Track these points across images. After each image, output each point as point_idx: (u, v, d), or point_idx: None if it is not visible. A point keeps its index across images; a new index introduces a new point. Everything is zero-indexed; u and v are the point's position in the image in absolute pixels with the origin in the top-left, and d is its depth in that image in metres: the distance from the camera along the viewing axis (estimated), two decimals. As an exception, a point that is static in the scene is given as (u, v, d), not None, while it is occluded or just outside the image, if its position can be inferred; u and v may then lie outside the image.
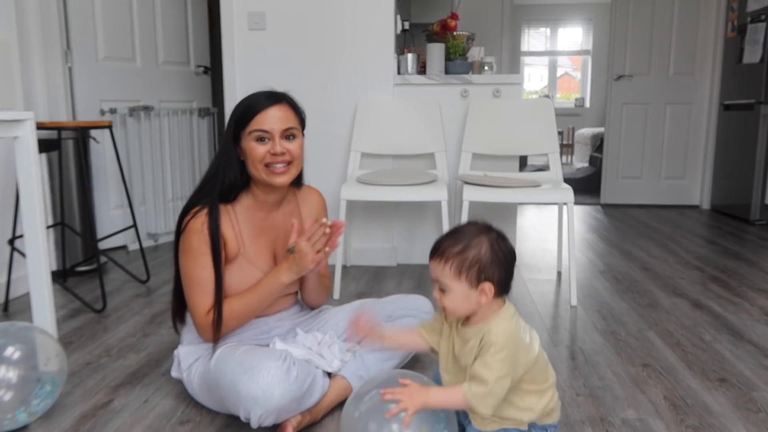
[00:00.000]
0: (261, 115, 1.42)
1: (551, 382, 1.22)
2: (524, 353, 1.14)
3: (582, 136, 7.65)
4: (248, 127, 1.42)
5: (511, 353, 1.11)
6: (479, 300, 1.13)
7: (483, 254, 1.12)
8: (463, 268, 1.12)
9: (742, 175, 4.17)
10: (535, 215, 4.53)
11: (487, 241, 1.13)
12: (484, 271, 1.12)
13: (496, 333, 1.12)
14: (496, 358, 1.09)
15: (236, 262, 1.48)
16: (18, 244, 2.33)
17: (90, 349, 1.93)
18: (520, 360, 1.13)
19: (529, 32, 8.68)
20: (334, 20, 2.91)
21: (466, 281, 1.12)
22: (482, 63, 3.10)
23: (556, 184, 2.53)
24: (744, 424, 1.45)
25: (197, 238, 1.42)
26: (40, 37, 2.78)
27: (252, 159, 1.44)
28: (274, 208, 1.56)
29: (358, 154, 2.85)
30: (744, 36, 4.18)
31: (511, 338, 1.12)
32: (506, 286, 1.16)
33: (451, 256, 1.13)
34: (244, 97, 1.47)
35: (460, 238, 1.14)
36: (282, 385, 1.28)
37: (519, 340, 1.14)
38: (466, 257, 1.12)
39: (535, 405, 1.18)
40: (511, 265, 1.16)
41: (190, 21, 3.70)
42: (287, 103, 1.46)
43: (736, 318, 2.22)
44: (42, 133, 2.58)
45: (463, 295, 1.13)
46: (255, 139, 1.42)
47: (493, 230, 1.16)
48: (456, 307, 1.15)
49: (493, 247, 1.13)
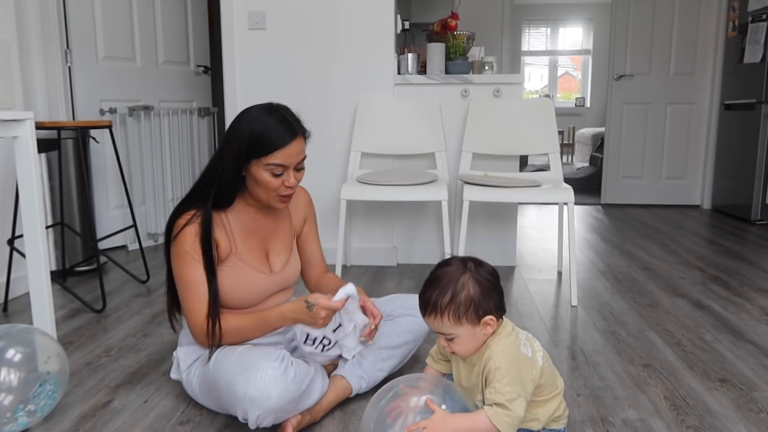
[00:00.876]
0: (281, 151, 1.39)
1: (558, 391, 1.21)
2: (528, 369, 1.13)
3: (582, 136, 7.65)
4: (265, 159, 1.39)
5: (516, 373, 1.11)
6: (485, 332, 1.14)
7: (473, 293, 1.12)
8: (461, 314, 1.12)
9: (742, 174, 4.17)
10: (535, 215, 4.52)
11: (470, 277, 1.13)
12: (480, 307, 1.12)
13: (497, 356, 1.12)
14: (504, 382, 1.09)
15: (229, 262, 1.47)
16: (18, 244, 2.33)
17: (90, 349, 1.93)
18: (526, 376, 1.12)
19: (529, 32, 8.68)
20: (334, 20, 2.91)
21: (468, 324, 1.13)
22: (482, 63, 3.09)
23: (556, 184, 2.53)
24: (745, 425, 1.45)
25: (190, 244, 1.41)
26: (39, 36, 2.78)
27: (264, 187, 1.43)
28: (264, 209, 1.56)
29: (359, 154, 2.85)
30: (745, 36, 4.17)
31: (512, 358, 1.12)
32: (502, 308, 1.16)
33: (444, 309, 1.12)
34: (256, 121, 1.40)
35: (445, 286, 1.13)
36: (279, 385, 1.28)
37: (521, 357, 1.13)
38: (459, 303, 1.12)
39: (542, 414, 1.18)
40: (498, 286, 1.16)
41: (190, 21, 3.70)
42: (301, 134, 1.44)
43: (736, 318, 2.21)
44: (42, 132, 2.57)
45: (470, 336, 1.14)
46: (270, 172, 1.41)
47: (468, 261, 1.16)
48: (467, 348, 1.16)
49: (478, 280, 1.13)
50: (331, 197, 2.95)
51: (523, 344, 1.16)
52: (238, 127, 1.42)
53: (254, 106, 1.46)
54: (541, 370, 1.15)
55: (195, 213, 1.44)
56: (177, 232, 1.43)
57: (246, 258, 1.50)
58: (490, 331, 1.14)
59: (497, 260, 3.01)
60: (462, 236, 2.45)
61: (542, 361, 1.17)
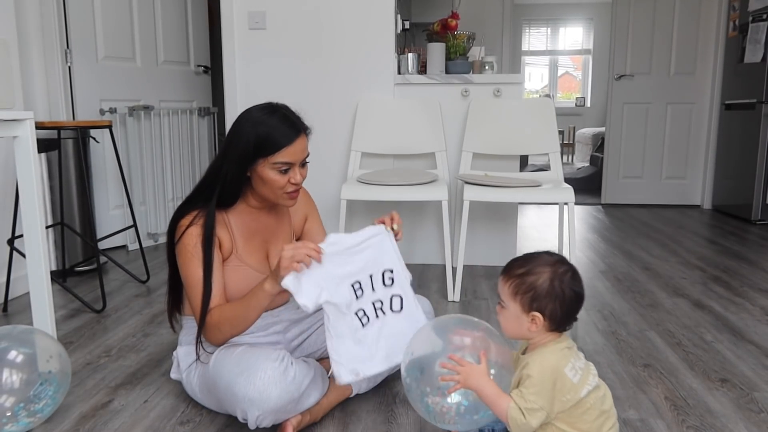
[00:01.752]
0: (287, 149, 1.40)
1: None
2: (564, 390, 1.11)
3: (583, 136, 7.64)
4: (272, 158, 1.40)
5: (548, 388, 1.09)
6: (529, 327, 1.14)
7: (540, 284, 1.13)
8: (519, 291, 1.14)
9: (743, 174, 4.16)
10: (535, 215, 4.52)
11: (550, 273, 1.14)
12: (537, 300, 1.13)
13: (534, 364, 1.11)
14: (531, 391, 1.09)
15: (230, 262, 1.47)
16: (18, 244, 2.33)
17: (90, 349, 1.93)
18: (557, 395, 1.10)
19: (529, 32, 8.67)
20: (334, 20, 2.91)
21: (519, 304, 1.14)
22: (483, 62, 3.09)
23: (556, 184, 2.52)
24: (745, 425, 1.45)
25: (194, 243, 1.41)
26: (39, 36, 2.78)
27: (270, 186, 1.43)
28: (265, 210, 1.56)
29: (359, 154, 2.85)
30: (745, 35, 4.17)
31: (549, 372, 1.11)
32: (561, 324, 1.15)
33: (512, 276, 1.16)
34: (260, 121, 1.40)
35: (528, 263, 1.16)
36: (279, 386, 1.28)
37: (561, 375, 1.11)
38: (524, 281, 1.14)
39: None
40: (571, 305, 1.15)
41: (190, 20, 3.69)
42: (304, 131, 1.46)
43: (737, 318, 2.21)
44: (42, 132, 2.57)
45: (515, 317, 1.15)
46: (277, 170, 1.41)
47: (564, 266, 1.16)
48: (507, 326, 1.18)
49: (554, 282, 1.13)
50: (332, 197, 2.94)
51: (572, 367, 1.13)
52: (241, 129, 1.42)
53: (254, 107, 1.46)
54: (580, 401, 1.12)
55: (198, 213, 1.43)
56: (181, 233, 1.42)
57: (246, 259, 1.50)
58: (534, 329, 1.14)
59: (498, 260, 3.01)
60: (462, 236, 2.45)
61: (586, 394, 1.13)
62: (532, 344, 1.18)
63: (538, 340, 1.17)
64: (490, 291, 2.57)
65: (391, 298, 1.40)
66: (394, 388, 1.64)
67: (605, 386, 1.18)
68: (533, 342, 1.18)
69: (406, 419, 1.48)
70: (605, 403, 1.16)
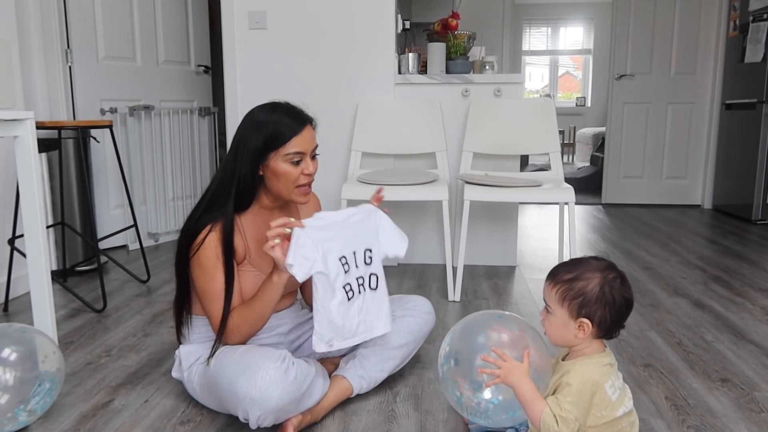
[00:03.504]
0: (297, 138, 1.42)
1: None
2: (601, 406, 1.10)
3: (583, 136, 7.64)
4: (282, 149, 1.41)
5: (586, 400, 1.09)
6: (576, 334, 1.13)
7: (589, 290, 1.11)
8: (567, 297, 1.13)
9: (743, 174, 4.16)
10: (536, 215, 4.52)
11: (599, 278, 1.12)
12: (586, 306, 1.12)
13: (574, 374, 1.11)
14: (568, 399, 1.09)
15: (243, 267, 1.48)
16: (18, 244, 2.33)
17: (90, 349, 1.93)
18: (594, 409, 1.10)
19: (530, 31, 8.67)
20: (335, 19, 2.91)
21: (567, 310, 1.13)
22: (483, 62, 3.09)
23: (557, 184, 2.52)
24: (746, 424, 1.45)
25: (213, 255, 1.41)
26: (40, 36, 2.78)
27: (285, 180, 1.44)
28: (277, 212, 1.56)
29: (359, 154, 2.85)
30: (746, 35, 4.17)
31: (590, 384, 1.10)
32: (609, 331, 1.14)
33: (560, 282, 1.14)
34: (265, 119, 1.42)
35: (576, 268, 1.15)
36: (280, 385, 1.28)
37: (600, 389, 1.10)
38: (572, 287, 1.13)
39: None
40: (620, 312, 1.13)
41: (190, 20, 3.70)
42: (309, 122, 1.48)
43: (737, 318, 2.21)
44: (42, 132, 2.57)
45: (562, 323, 1.14)
46: (289, 162, 1.43)
47: (614, 272, 1.14)
48: (554, 332, 1.17)
49: (603, 288, 1.11)
50: (332, 197, 2.94)
51: (612, 385, 1.12)
52: (248, 129, 1.44)
53: (257, 107, 1.48)
54: (615, 422, 1.12)
55: (215, 223, 1.43)
56: (199, 245, 1.41)
57: (258, 263, 1.50)
58: (581, 336, 1.13)
59: (498, 260, 3.01)
60: (463, 236, 2.45)
61: (622, 415, 1.13)
62: (575, 351, 1.17)
63: (583, 347, 1.16)
64: (490, 291, 2.57)
65: (370, 276, 1.45)
66: (394, 388, 1.64)
67: (636, 414, 1.17)
68: (576, 350, 1.17)
69: (406, 419, 1.48)
70: (633, 430, 1.15)
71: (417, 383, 1.68)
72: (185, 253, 1.44)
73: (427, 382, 1.68)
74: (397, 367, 1.65)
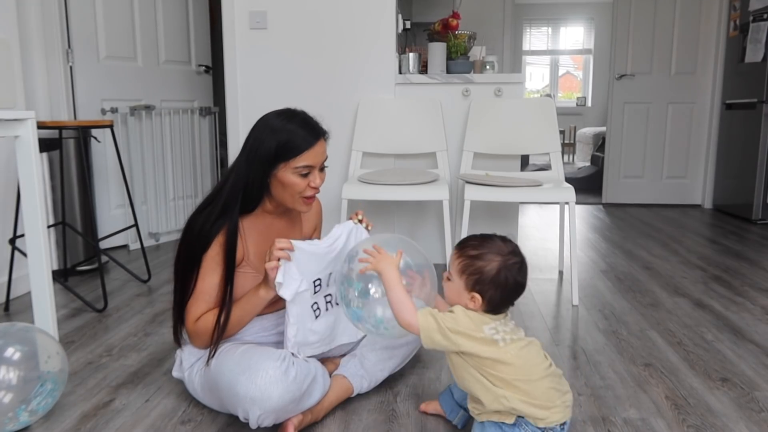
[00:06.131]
0: (308, 152, 1.43)
1: (531, 387, 1.20)
2: (485, 343, 1.19)
3: (583, 136, 7.64)
4: (293, 161, 1.42)
5: (463, 324, 1.20)
6: (467, 303, 1.23)
7: (487, 271, 1.20)
8: (466, 271, 1.22)
9: (744, 174, 4.16)
10: (536, 214, 4.52)
11: (499, 262, 1.21)
12: (480, 283, 1.21)
13: (458, 308, 1.23)
14: (450, 315, 1.21)
15: (240, 268, 1.48)
16: (19, 244, 2.33)
17: (91, 349, 1.93)
18: (474, 343, 1.19)
19: (530, 31, 8.67)
20: (335, 19, 2.91)
21: (464, 281, 1.23)
22: (484, 62, 3.09)
23: (557, 184, 2.52)
24: (746, 424, 1.45)
25: (213, 255, 1.42)
26: (41, 36, 2.78)
27: (291, 190, 1.45)
28: (278, 215, 1.57)
29: (360, 154, 2.85)
30: (746, 35, 4.17)
31: (470, 315, 1.21)
32: (496, 309, 1.23)
33: (464, 255, 1.24)
34: (280, 128, 1.42)
35: (482, 246, 1.24)
36: (280, 385, 1.28)
37: (479, 328, 1.20)
38: (473, 263, 1.22)
39: (510, 397, 1.19)
40: (510, 294, 1.23)
41: (191, 20, 3.70)
42: (322, 136, 1.48)
43: (738, 317, 2.21)
44: (43, 132, 2.58)
45: (458, 291, 1.24)
46: (298, 174, 1.43)
47: (515, 257, 1.23)
48: (450, 296, 1.27)
49: (501, 272, 1.20)
50: (333, 197, 2.94)
51: (494, 328, 1.21)
52: (262, 135, 1.43)
53: (272, 112, 1.48)
54: (507, 362, 1.19)
55: (219, 222, 1.43)
56: (208, 246, 1.42)
57: (256, 264, 1.50)
58: (471, 307, 1.22)
59: (498, 260, 3.01)
60: (463, 236, 2.44)
61: (512, 359, 1.19)
62: None
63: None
64: (490, 290, 2.57)
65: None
66: (395, 388, 1.64)
67: (523, 347, 1.23)
68: None
69: (407, 418, 1.49)
70: (524, 353, 1.21)
71: (417, 383, 1.68)
72: (193, 255, 1.43)
73: (428, 382, 1.69)
74: (398, 366, 1.65)
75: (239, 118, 3.01)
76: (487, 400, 1.21)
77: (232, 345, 1.44)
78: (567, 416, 1.24)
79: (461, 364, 1.24)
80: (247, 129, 1.50)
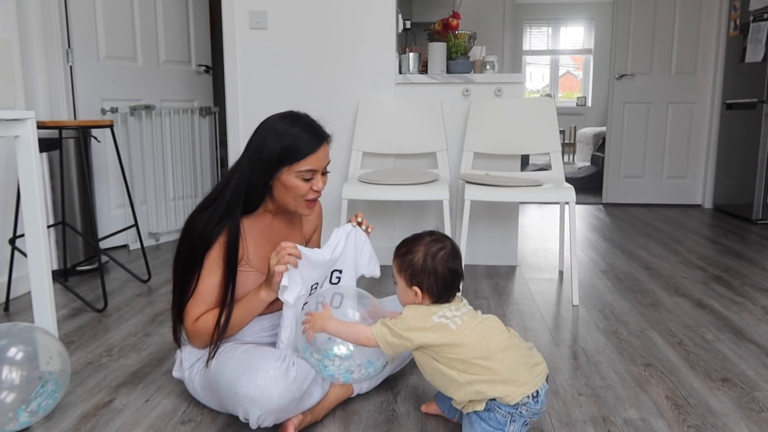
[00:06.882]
0: (311, 157, 1.44)
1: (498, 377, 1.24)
2: (440, 330, 1.26)
3: (584, 136, 7.64)
4: (296, 165, 1.43)
5: (415, 322, 1.27)
6: (413, 299, 1.32)
7: (415, 262, 1.30)
8: (402, 268, 1.33)
9: (744, 174, 4.16)
10: (536, 214, 4.52)
11: (422, 251, 1.30)
12: (415, 276, 1.30)
13: (406, 309, 1.32)
14: (397, 322, 1.29)
15: (240, 267, 1.48)
16: (19, 244, 2.33)
17: (91, 349, 1.93)
18: (429, 332, 1.26)
19: (530, 31, 8.66)
20: (335, 19, 2.91)
21: (404, 279, 1.32)
22: (484, 62, 3.09)
23: (557, 184, 2.52)
24: (746, 424, 1.45)
25: (215, 256, 1.42)
26: (41, 36, 2.78)
27: (293, 193, 1.46)
28: (279, 215, 1.57)
29: (360, 154, 2.85)
30: (746, 35, 4.17)
31: (419, 311, 1.29)
32: (439, 296, 1.31)
33: (397, 255, 1.35)
34: (284, 131, 1.42)
35: (410, 243, 1.34)
36: (280, 385, 1.28)
37: (429, 319, 1.27)
38: (405, 259, 1.32)
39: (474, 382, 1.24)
40: (446, 280, 1.30)
41: (191, 20, 3.70)
42: (326, 140, 1.49)
43: (738, 317, 2.21)
44: (43, 132, 2.58)
45: (403, 290, 1.34)
46: (301, 178, 1.44)
47: (437, 244, 1.32)
48: (400, 297, 1.36)
49: (426, 259, 1.29)
50: (333, 197, 2.94)
51: (442, 315, 1.28)
52: (265, 139, 1.43)
53: (276, 115, 1.48)
54: (459, 342, 1.25)
55: (220, 222, 1.43)
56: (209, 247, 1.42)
57: (256, 264, 1.50)
58: (417, 301, 1.31)
59: (499, 260, 3.01)
60: (463, 236, 2.45)
61: (462, 337, 1.25)
62: None
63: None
64: (490, 290, 2.57)
65: (333, 295, 1.47)
66: (395, 388, 1.64)
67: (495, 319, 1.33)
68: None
69: (407, 419, 1.49)
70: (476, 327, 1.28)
71: (417, 383, 1.68)
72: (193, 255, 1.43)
73: (428, 383, 1.68)
74: (398, 366, 1.66)
75: (239, 118, 3.01)
76: (458, 394, 1.27)
77: (232, 345, 1.44)
78: (538, 385, 1.26)
79: (425, 359, 1.30)
80: (248, 129, 1.50)
